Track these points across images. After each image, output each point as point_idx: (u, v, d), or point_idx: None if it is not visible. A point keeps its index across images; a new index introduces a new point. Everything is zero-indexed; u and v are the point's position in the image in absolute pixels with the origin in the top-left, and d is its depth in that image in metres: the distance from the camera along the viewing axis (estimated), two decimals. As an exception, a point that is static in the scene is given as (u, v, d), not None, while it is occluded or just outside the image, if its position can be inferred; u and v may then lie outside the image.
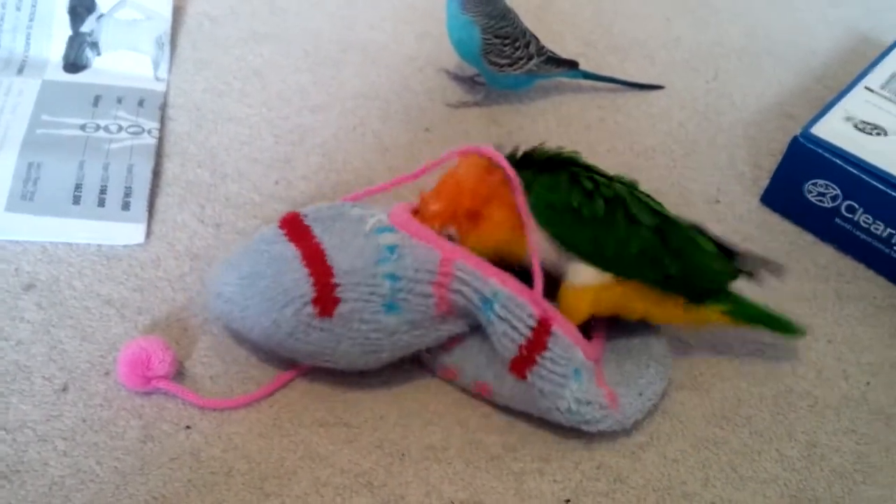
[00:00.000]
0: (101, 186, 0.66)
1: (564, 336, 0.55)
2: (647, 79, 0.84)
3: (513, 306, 0.54)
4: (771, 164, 0.77)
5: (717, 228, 0.72)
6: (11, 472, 0.51)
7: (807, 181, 0.71)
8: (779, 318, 0.62)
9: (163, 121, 0.73)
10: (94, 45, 0.76)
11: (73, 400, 0.55)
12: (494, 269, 0.55)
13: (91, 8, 0.77)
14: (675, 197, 0.74)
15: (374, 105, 0.77)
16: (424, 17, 0.87)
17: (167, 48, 0.78)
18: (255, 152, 0.72)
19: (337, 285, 0.53)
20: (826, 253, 0.72)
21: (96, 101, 0.72)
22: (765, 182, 0.75)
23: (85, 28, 0.77)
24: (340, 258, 0.54)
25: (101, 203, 0.65)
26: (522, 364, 0.54)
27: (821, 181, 0.70)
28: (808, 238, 0.73)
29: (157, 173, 0.69)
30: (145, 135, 0.70)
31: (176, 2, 0.81)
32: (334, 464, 0.54)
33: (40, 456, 0.52)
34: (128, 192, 0.66)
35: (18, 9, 0.77)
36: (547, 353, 0.54)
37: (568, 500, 0.55)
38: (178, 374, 0.57)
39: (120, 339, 0.58)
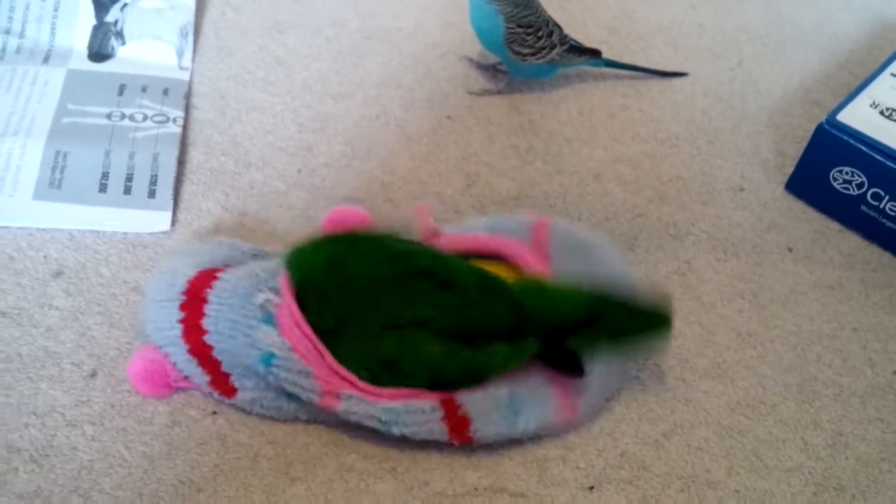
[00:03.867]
0: (128, 174, 0.66)
1: (476, 394, 0.53)
2: (671, 66, 0.84)
3: (418, 416, 0.52)
4: (796, 151, 0.76)
5: (741, 216, 0.72)
6: (41, 455, 0.52)
7: (832, 168, 0.70)
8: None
9: (187, 109, 0.73)
10: (119, 35, 0.77)
11: (102, 385, 0.55)
12: (380, 388, 0.52)
13: (115, -3, 0.78)
14: (698, 185, 0.74)
15: (397, 93, 0.78)
16: (447, 5, 0.87)
17: (191, 37, 0.78)
18: (279, 140, 0.72)
19: (229, 375, 0.53)
20: (852, 241, 0.71)
21: (121, 90, 0.73)
22: (790, 169, 0.74)
23: (109, 17, 0.77)
24: (230, 353, 0.52)
25: (128, 191, 0.66)
26: (464, 440, 0.54)
27: (846, 168, 0.70)
28: (834, 226, 0.72)
29: (181, 161, 0.69)
30: (170, 123, 0.71)
31: (199, -9, 0.81)
32: (358, 449, 0.55)
33: (69, 440, 0.53)
34: (153, 181, 0.66)
35: (44, -1, 0.78)
36: (473, 427, 0.53)
37: (591, 488, 0.55)
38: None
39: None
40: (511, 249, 0.60)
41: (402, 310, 0.53)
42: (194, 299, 0.53)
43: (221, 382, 0.53)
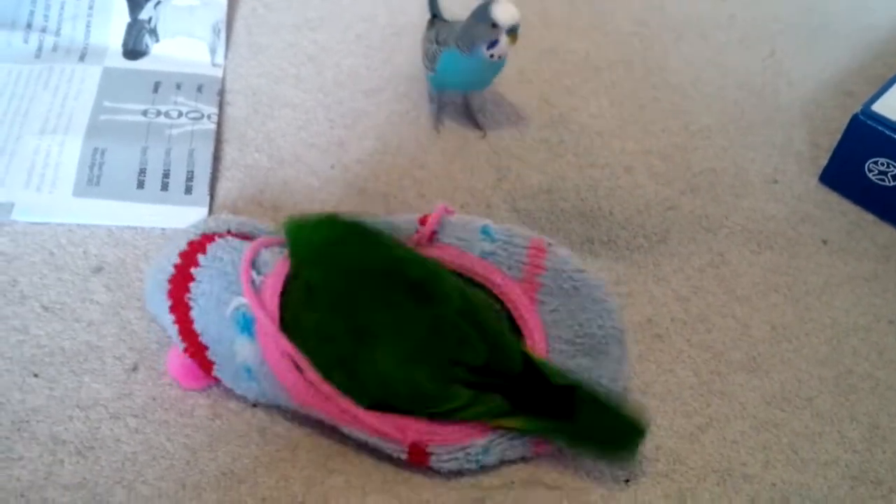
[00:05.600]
0: (164, 171, 0.67)
1: (446, 446, 0.52)
2: (701, 58, 0.83)
3: (379, 443, 0.52)
4: (829, 142, 0.75)
5: (774, 208, 0.71)
6: (86, 448, 0.53)
7: (867, 160, 0.70)
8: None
9: (221, 106, 0.74)
10: (153, 32, 0.78)
11: (143, 379, 0.56)
12: (354, 412, 0.51)
13: (149, -5, 0.79)
14: (731, 177, 0.74)
15: (427, 89, 0.78)
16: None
17: (223, 34, 0.79)
18: (311, 136, 0.73)
19: (213, 363, 0.53)
20: (887, 232, 0.71)
21: (156, 87, 0.74)
22: (823, 161, 0.74)
23: (143, 15, 0.78)
24: (212, 341, 0.53)
25: (165, 187, 0.66)
26: (420, 464, 0.53)
27: (882, 159, 0.69)
28: (869, 217, 0.72)
29: (216, 158, 0.70)
30: (205, 120, 0.72)
31: (230, -13, 0.82)
32: (395, 442, 0.55)
33: (113, 433, 0.54)
34: (190, 177, 0.67)
35: (79, -3, 0.79)
36: (434, 460, 0.52)
37: (627, 481, 0.55)
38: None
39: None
40: (500, 287, 0.57)
41: (376, 313, 0.51)
42: (182, 276, 0.53)
43: (207, 368, 0.54)
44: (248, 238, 0.56)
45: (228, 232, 0.56)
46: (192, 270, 0.53)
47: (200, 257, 0.54)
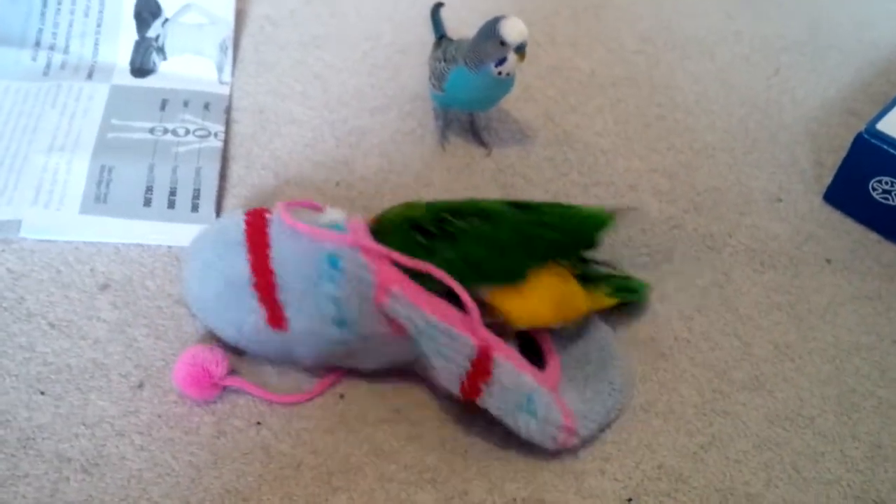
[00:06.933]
0: (171, 188, 0.68)
1: (508, 362, 0.54)
2: (707, 75, 0.84)
3: (447, 339, 0.53)
4: (834, 161, 0.76)
5: (778, 227, 0.72)
6: (91, 465, 0.53)
7: (871, 178, 0.70)
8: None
9: (227, 123, 0.75)
10: (160, 50, 0.79)
11: (149, 396, 0.57)
12: (431, 299, 0.54)
13: (156, 13, 0.80)
14: (735, 196, 0.74)
15: (432, 106, 0.78)
16: (481, 18, 0.87)
17: (230, 52, 0.80)
18: (317, 154, 0.73)
19: (284, 304, 0.54)
20: (891, 251, 0.71)
21: (163, 104, 0.75)
22: (828, 180, 0.74)
23: (151, 33, 0.79)
24: (288, 274, 0.55)
25: (171, 205, 0.67)
26: (470, 394, 0.54)
27: (886, 178, 0.69)
28: (873, 237, 0.72)
29: (223, 175, 0.70)
30: (212, 138, 0.72)
31: (238, 5, 0.83)
32: (399, 460, 0.55)
33: (118, 450, 0.54)
34: (196, 195, 0.68)
35: (86, 15, 0.79)
36: (492, 381, 0.54)
37: (630, 500, 0.55)
38: (248, 373, 0.58)
39: (191, 338, 0.60)
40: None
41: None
42: (256, 231, 0.56)
43: (274, 313, 0.55)
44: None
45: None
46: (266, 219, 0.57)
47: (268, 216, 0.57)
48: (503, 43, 0.65)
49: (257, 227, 0.56)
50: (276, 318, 0.55)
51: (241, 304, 0.55)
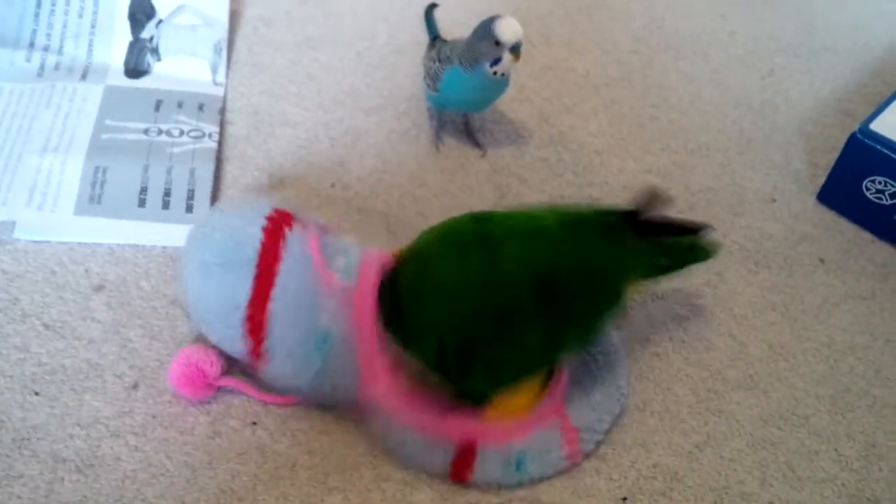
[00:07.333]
0: (165, 189, 0.68)
1: (492, 446, 0.54)
2: (702, 76, 0.84)
3: (422, 447, 0.54)
4: (827, 161, 0.76)
5: (772, 227, 0.72)
6: (86, 465, 0.53)
7: (865, 178, 0.70)
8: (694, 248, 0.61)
9: (222, 124, 0.74)
10: (155, 51, 0.78)
11: (144, 397, 0.57)
12: (412, 400, 0.53)
13: (151, 14, 0.79)
14: (729, 196, 0.74)
15: (427, 107, 0.78)
16: (476, 18, 0.87)
17: (224, 53, 0.80)
18: (312, 155, 0.73)
19: (268, 349, 0.54)
20: (884, 251, 0.71)
21: (158, 105, 0.75)
22: (821, 180, 0.74)
23: (145, 34, 0.79)
24: (280, 322, 0.53)
25: (166, 206, 0.67)
26: (458, 479, 0.54)
27: (879, 178, 0.69)
28: (866, 236, 0.72)
29: (217, 176, 0.70)
30: (206, 139, 0.72)
31: (232, 6, 0.83)
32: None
33: (113, 451, 0.54)
34: (190, 195, 0.68)
35: (80, 16, 0.79)
36: (477, 465, 0.54)
37: (625, 499, 0.55)
38: (242, 373, 0.58)
39: (186, 338, 0.59)
40: None
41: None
42: (271, 245, 0.54)
43: (256, 352, 0.54)
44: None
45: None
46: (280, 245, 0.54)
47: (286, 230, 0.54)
48: (498, 42, 0.66)
49: (272, 250, 0.54)
50: (256, 354, 0.54)
51: (233, 325, 0.54)
